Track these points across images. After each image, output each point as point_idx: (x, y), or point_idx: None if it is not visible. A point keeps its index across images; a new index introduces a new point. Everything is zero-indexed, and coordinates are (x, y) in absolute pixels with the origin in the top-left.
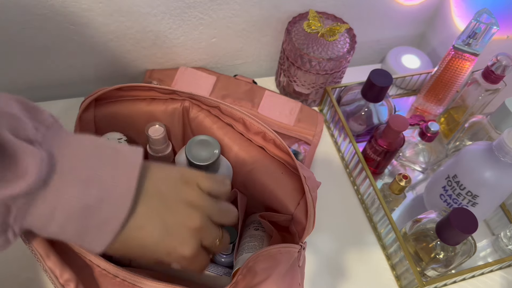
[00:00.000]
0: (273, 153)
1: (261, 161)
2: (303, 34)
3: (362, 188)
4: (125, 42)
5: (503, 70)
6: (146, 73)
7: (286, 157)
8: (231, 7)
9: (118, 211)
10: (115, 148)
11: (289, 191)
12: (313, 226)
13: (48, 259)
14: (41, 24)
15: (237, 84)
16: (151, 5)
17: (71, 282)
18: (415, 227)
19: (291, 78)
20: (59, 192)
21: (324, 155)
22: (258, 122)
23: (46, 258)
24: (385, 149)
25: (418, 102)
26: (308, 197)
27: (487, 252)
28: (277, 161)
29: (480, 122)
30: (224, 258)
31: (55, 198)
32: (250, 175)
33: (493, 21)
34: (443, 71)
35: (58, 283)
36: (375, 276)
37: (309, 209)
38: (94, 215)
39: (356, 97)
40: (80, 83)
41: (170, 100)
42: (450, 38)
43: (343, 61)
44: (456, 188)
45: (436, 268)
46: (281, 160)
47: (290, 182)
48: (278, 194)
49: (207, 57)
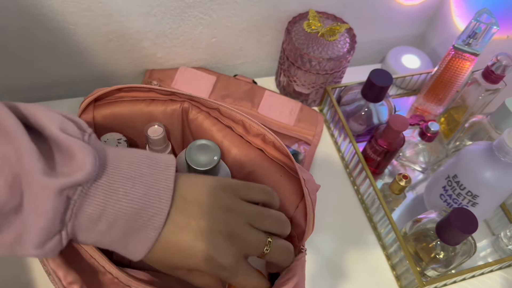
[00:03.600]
0: (273, 156)
1: (260, 164)
2: (303, 34)
3: (362, 188)
4: (125, 42)
5: (503, 70)
6: (146, 73)
7: (285, 160)
8: (231, 7)
9: (161, 206)
10: (148, 154)
11: (288, 194)
12: (312, 229)
13: (52, 261)
14: (41, 24)
15: (237, 84)
16: (150, 5)
17: (75, 284)
18: (415, 227)
19: (291, 78)
20: (110, 189)
21: (324, 155)
22: (258, 124)
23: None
24: (385, 149)
25: (418, 102)
26: (307, 199)
27: (487, 252)
28: (276, 164)
29: (480, 122)
30: None
31: (106, 195)
32: (248, 178)
33: (493, 21)
34: (443, 71)
35: (62, 285)
36: (375, 276)
37: (308, 211)
38: (141, 211)
39: (356, 97)
40: (79, 83)
41: (169, 101)
42: (450, 38)
43: (343, 61)
44: (456, 188)
45: (436, 268)
46: (280, 163)
47: (289, 185)
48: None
49: (207, 57)
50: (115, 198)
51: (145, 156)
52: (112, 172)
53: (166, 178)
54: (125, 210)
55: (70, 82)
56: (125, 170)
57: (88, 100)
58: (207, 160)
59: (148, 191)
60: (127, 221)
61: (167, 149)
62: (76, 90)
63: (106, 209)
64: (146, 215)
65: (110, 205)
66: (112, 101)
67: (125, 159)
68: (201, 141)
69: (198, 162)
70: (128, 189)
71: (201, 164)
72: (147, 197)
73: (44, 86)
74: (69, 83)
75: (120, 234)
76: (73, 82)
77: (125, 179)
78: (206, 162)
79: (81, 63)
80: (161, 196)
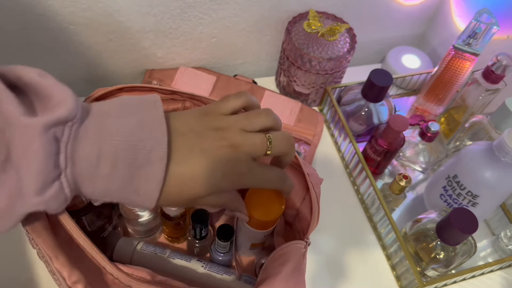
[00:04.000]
0: None
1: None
2: (303, 34)
3: (362, 188)
4: (125, 42)
5: (503, 70)
6: (146, 73)
7: None
8: (231, 7)
9: (158, 135)
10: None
11: (295, 188)
12: (317, 222)
13: (57, 260)
14: (41, 24)
15: (237, 84)
16: (151, 5)
17: (79, 284)
18: (415, 227)
19: (291, 78)
20: (101, 127)
21: (324, 155)
22: None
23: (55, 259)
24: (385, 149)
25: (418, 102)
26: (312, 193)
27: (487, 252)
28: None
29: (480, 122)
30: (222, 256)
31: (98, 134)
32: None
33: (493, 21)
34: (443, 71)
35: (66, 284)
36: (375, 276)
37: (313, 204)
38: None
39: (356, 97)
40: (80, 83)
41: (171, 101)
42: (450, 38)
43: (343, 61)
44: (456, 188)
45: (436, 268)
46: None
47: (294, 178)
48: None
49: (207, 57)
50: (108, 136)
51: (128, 97)
52: (99, 113)
53: (156, 111)
54: (122, 145)
55: (70, 82)
56: (113, 109)
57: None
58: None
59: (142, 125)
60: (128, 157)
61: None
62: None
63: (102, 148)
64: (146, 148)
65: (106, 143)
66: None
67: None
68: None
69: None
70: (120, 125)
71: None
72: (142, 130)
73: None
74: (69, 83)
75: (126, 176)
76: (73, 82)
77: (114, 117)
78: None
79: (81, 63)
80: (155, 127)
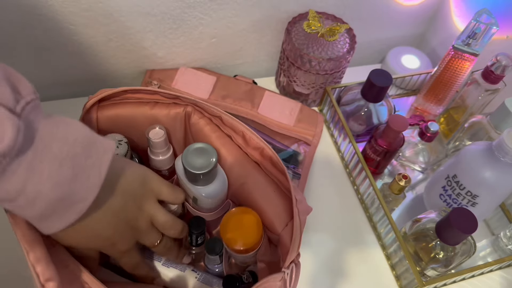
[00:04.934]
0: (268, 171)
1: (254, 177)
2: (303, 34)
3: (362, 188)
4: (125, 42)
5: (503, 70)
6: (146, 73)
7: (280, 177)
8: (231, 7)
9: (87, 195)
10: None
11: (279, 211)
12: (297, 251)
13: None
14: (41, 24)
15: (237, 84)
16: (151, 5)
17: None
18: (415, 227)
19: (291, 78)
20: (34, 168)
21: (324, 155)
22: (258, 137)
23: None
24: (385, 149)
25: (418, 102)
26: (295, 220)
27: (487, 252)
28: (271, 179)
29: (480, 122)
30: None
31: (28, 174)
32: (241, 189)
33: (493, 21)
34: (443, 71)
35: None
36: (375, 276)
37: (295, 232)
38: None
39: (356, 97)
40: (80, 83)
41: (173, 105)
42: (450, 38)
43: (343, 61)
44: (456, 188)
45: (436, 268)
46: (275, 179)
47: (281, 202)
48: (268, 212)
49: (207, 57)
50: (37, 180)
51: (84, 136)
52: (40, 150)
53: (100, 164)
54: (47, 193)
55: (70, 82)
56: (55, 149)
57: (92, 101)
58: (203, 163)
59: (76, 177)
60: (48, 204)
61: (168, 152)
62: (76, 90)
63: (26, 189)
64: (70, 201)
65: (31, 185)
66: (116, 103)
67: (60, 135)
68: (198, 144)
69: (195, 166)
70: (53, 171)
71: (197, 168)
72: (74, 184)
73: (44, 86)
74: (69, 83)
75: (38, 213)
76: (73, 82)
77: (52, 160)
78: (202, 166)
79: (81, 63)
80: (89, 184)
